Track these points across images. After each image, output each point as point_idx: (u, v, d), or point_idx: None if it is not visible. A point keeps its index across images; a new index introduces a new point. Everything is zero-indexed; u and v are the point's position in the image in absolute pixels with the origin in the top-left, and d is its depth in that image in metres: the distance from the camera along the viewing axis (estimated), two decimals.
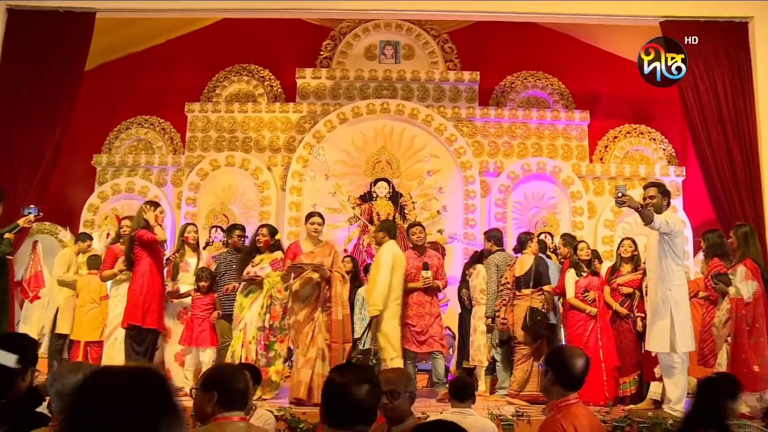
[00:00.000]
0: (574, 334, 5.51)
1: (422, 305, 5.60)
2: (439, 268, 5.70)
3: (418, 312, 5.57)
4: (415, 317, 5.56)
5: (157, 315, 5.27)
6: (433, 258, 5.72)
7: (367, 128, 8.72)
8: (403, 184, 8.52)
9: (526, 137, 8.83)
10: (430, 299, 5.63)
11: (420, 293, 5.60)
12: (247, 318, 5.41)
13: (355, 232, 8.28)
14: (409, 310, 5.56)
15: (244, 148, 8.81)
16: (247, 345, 5.35)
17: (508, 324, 5.58)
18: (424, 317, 5.55)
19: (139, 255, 5.29)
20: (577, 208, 8.46)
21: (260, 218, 8.35)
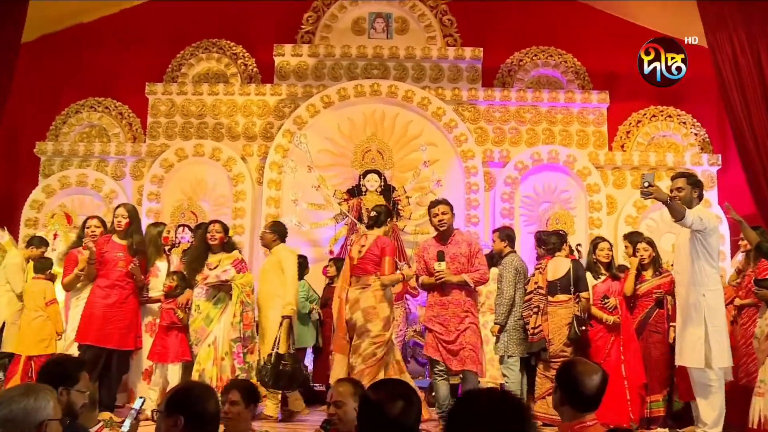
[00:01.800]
0: (594, 347, 5.56)
1: (444, 306, 5.09)
2: (471, 258, 5.12)
3: (440, 314, 5.10)
4: (436, 321, 5.09)
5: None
6: (460, 245, 5.15)
7: (355, 113, 8.69)
8: (396, 177, 8.49)
9: (536, 122, 8.80)
10: (459, 299, 5.06)
11: (440, 291, 5.11)
12: (216, 331, 5.45)
13: (342, 231, 8.18)
14: (428, 311, 5.20)
15: (214, 135, 8.77)
16: (219, 362, 5.38)
17: (544, 333, 5.57)
18: (448, 321, 5.04)
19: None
20: (595, 202, 8.42)
21: (234, 215, 8.39)
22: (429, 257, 5.16)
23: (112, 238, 5.53)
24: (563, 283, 5.67)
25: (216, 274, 5.51)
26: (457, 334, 4.98)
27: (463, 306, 5.06)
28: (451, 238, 5.20)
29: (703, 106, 8.66)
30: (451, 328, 5.00)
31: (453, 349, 5.00)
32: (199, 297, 5.54)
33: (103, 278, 5.48)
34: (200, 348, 5.43)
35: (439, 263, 5.02)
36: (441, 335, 5.02)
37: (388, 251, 5.29)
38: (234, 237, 7.80)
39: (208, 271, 5.57)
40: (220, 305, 5.52)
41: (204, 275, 5.55)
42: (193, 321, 5.50)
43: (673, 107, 8.84)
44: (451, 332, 5.00)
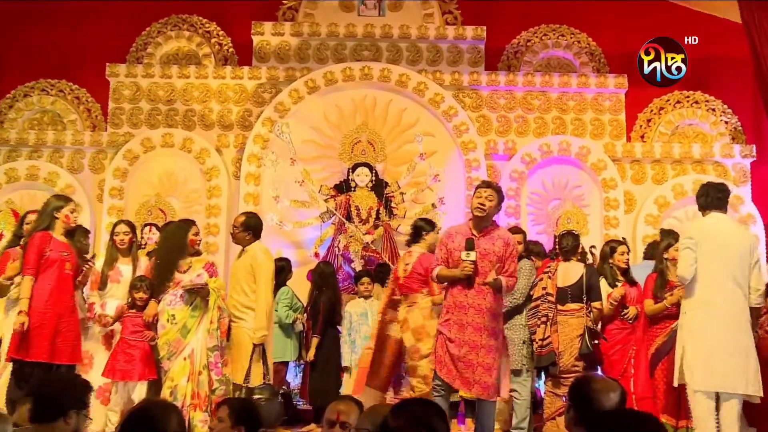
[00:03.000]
0: (608, 362, 5.58)
1: (464, 309, 4.65)
2: (504, 257, 4.69)
3: (459, 319, 4.67)
4: (453, 327, 4.66)
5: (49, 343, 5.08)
6: (495, 241, 4.69)
7: (343, 99, 8.68)
8: (389, 171, 8.49)
9: (545, 110, 8.78)
10: (483, 304, 4.64)
11: (461, 289, 4.67)
12: (193, 343, 5.43)
13: (329, 232, 8.15)
14: (445, 315, 4.75)
15: (185, 124, 8.73)
16: (196, 377, 5.35)
17: (553, 346, 5.55)
18: (464, 328, 4.63)
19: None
20: (611, 199, 8.39)
21: (207, 213, 8.37)
22: (454, 245, 4.73)
23: (53, 236, 5.30)
24: (575, 290, 5.65)
25: (190, 279, 5.49)
26: (468, 349, 4.59)
27: (485, 315, 4.63)
28: (487, 231, 4.75)
29: (736, 91, 8.63)
30: (465, 338, 4.60)
31: (460, 366, 4.61)
32: (173, 305, 5.50)
33: (47, 282, 5.21)
34: (174, 362, 5.40)
35: (468, 253, 4.55)
36: (451, 344, 4.61)
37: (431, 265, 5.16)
38: (208, 238, 7.95)
39: (179, 275, 5.53)
40: (198, 313, 5.49)
41: (176, 280, 5.52)
42: (166, 332, 5.45)
43: (701, 92, 8.81)
44: (463, 344, 4.60)
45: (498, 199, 4.77)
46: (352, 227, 7.93)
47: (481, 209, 4.69)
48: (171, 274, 5.54)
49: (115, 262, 5.83)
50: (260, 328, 5.37)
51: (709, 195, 4.95)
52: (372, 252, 7.81)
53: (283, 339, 6.52)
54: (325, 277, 6.56)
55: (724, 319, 4.71)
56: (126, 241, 5.87)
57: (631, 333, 5.73)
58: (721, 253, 4.78)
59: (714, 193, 4.95)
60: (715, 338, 4.71)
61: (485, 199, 4.71)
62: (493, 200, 4.72)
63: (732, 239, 4.86)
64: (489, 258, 4.64)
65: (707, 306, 4.76)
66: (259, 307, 5.41)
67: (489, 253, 4.65)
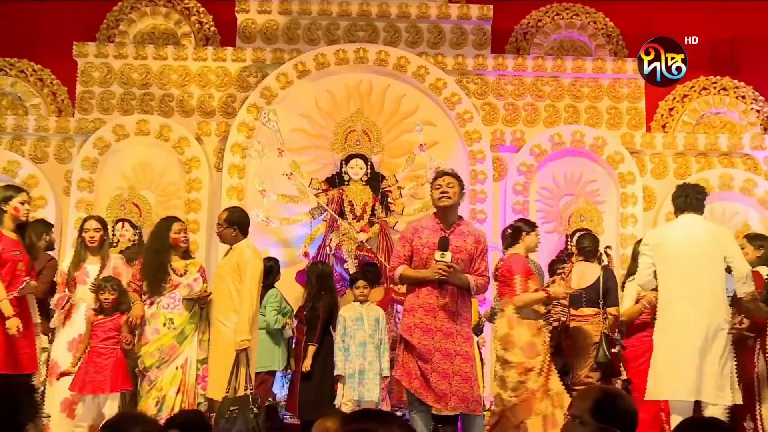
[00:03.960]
0: (638, 370, 5.58)
1: (432, 313, 4.61)
2: (475, 255, 4.74)
3: (425, 323, 4.61)
4: (419, 334, 4.60)
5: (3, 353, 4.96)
6: (465, 238, 4.74)
7: (336, 85, 8.66)
8: (385, 163, 8.48)
9: (557, 97, 8.75)
10: (453, 308, 4.63)
11: (431, 290, 4.64)
12: (188, 351, 5.51)
13: (320, 229, 8.13)
14: (407, 318, 4.71)
15: (162, 109, 8.69)
16: (187, 390, 5.42)
17: (566, 355, 5.65)
18: (433, 333, 4.57)
19: None
20: (629, 195, 8.38)
21: (186, 208, 8.32)
22: (422, 242, 4.71)
23: (2, 232, 5.19)
24: (590, 293, 5.71)
25: (188, 284, 5.55)
26: (441, 357, 4.53)
27: (456, 318, 4.62)
28: (455, 226, 4.78)
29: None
30: (435, 344, 4.54)
31: (433, 378, 4.52)
32: (170, 308, 5.55)
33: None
34: (164, 370, 5.41)
35: (442, 253, 4.50)
36: (420, 352, 4.54)
37: (516, 268, 5.30)
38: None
39: (176, 277, 5.58)
40: (195, 320, 5.59)
41: (173, 283, 5.56)
42: (160, 337, 5.48)
43: (729, 77, 8.75)
44: (433, 352, 4.54)
45: (460, 186, 4.80)
46: (345, 224, 7.89)
47: (447, 197, 4.69)
48: (165, 274, 5.57)
49: (82, 262, 5.84)
50: (243, 332, 5.28)
51: (689, 196, 5.11)
52: (367, 252, 7.79)
53: (271, 346, 6.46)
54: (324, 278, 6.54)
55: (683, 322, 4.88)
56: (97, 239, 5.87)
57: None
58: (683, 255, 4.95)
59: (693, 194, 5.12)
60: (670, 343, 4.91)
61: (446, 186, 4.72)
62: (455, 187, 4.74)
63: (697, 239, 5.00)
64: (461, 256, 4.65)
65: (667, 311, 4.99)
66: (243, 309, 5.33)
67: (461, 250, 4.66)
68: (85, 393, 5.43)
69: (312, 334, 6.29)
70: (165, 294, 5.58)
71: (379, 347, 6.26)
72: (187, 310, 5.56)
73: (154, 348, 5.46)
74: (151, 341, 5.49)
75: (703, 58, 8.18)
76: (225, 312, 5.43)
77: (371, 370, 6.15)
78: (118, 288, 5.61)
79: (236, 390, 5.19)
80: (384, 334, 6.33)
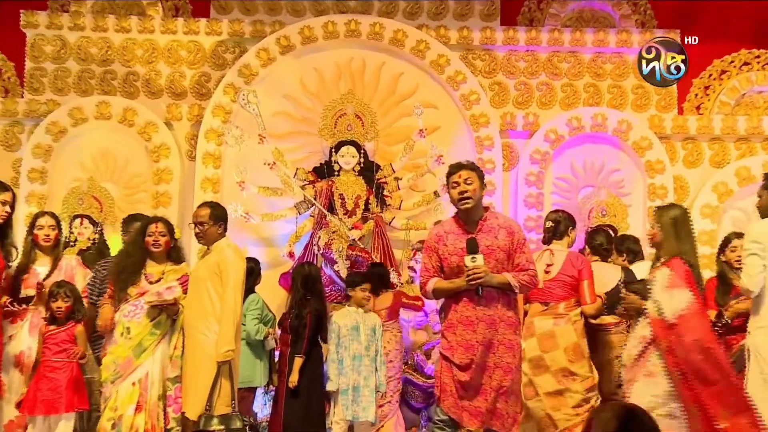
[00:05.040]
0: None
1: (472, 326, 4.62)
2: (512, 252, 4.72)
3: (465, 339, 4.64)
4: (461, 352, 4.64)
5: None
6: (497, 233, 4.71)
7: (324, 62, 8.65)
8: (381, 151, 8.47)
9: (575, 75, 8.77)
10: (495, 315, 4.64)
11: (467, 302, 4.66)
12: (148, 365, 5.42)
13: (306, 226, 8.10)
14: (448, 335, 4.72)
15: (126, 90, 8.70)
16: (150, 408, 5.34)
17: None
18: (474, 349, 4.60)
19: None
20: (657, 186, 8.39)
21: (154, 202, 8.31)
22: (448, 250, 4.70)
23: None
24: (611, 299, 5.68)
25: (157, 291, 5.49)
26: (479, 372, 4.59)
27: (497, 327, 4.62)
28: (482, 223, 4.73)
29: None
30: (476, 360, 4.58)
31: (470, 394, 4.61)
32: (130, 317, 5.48)
33: None
34: (119, 386, 5.37)
35: (473, 257, 4.51)
36: (460, 367, 4.59)
37: (585, 273, 5.50)
38: None
39: (147, 284, 5.54)
40: (159, 331, 5.49)
41: (141, 289, 5.51)
42: (115, 348, 5.44)
43: None
44: (473, 369, 4.59)
45: (479, 179, 4.75)
46: (335, 220, 7.84)
47: (467, 198, 4.64)
48: (132, 279, 5.54)
49: (31, 264, 5.87)
50: (226, 342, 5.25)
51: None
52: (360, 251, 7.72)
53: (251, 359, 6.44)
54: (311, 281, 6.38)
55: None
56: (52, 238, 5.92)
57: None
58: None
59: None
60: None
61: (464, 184, 4.66)
62: (474, 182, 4.69)
63: None
64: (494, 255, 4.64)
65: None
66: (226, 316, 5.32)
67: (493, 249, 4.63)
68: (35, 414, 5.39)
69: (298, 345, 6.15)
70: (129, 301, 5.53)
71: (375, 360, 6.21)
72: (149, 318, 5.47)
73: (110, 360, 5.42)
74: (108, 352, 5.46)
75: (746, 28, 8.41)
76: (204, 320, 5.40)
77: (366, 387, 6.09)
78: (72, 294, 5.59)
79: (214, 407, 5.23)
80: (380, 345, 6.30)
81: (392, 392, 6.52)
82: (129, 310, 5.49)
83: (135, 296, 5.49)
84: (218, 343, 5.27)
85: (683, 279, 4.77)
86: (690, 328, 4.69)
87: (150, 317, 5.46)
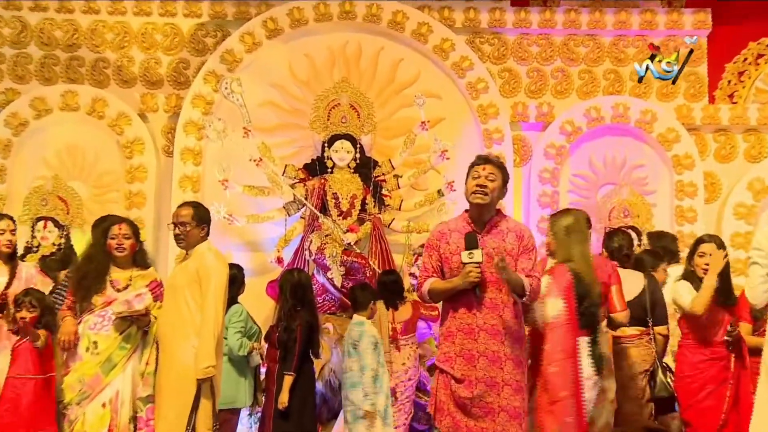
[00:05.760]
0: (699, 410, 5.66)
1: (473, 334, 4.60)
2: (517, 253, 4.69)
3: (465, 349, 4.62)
4: (461, 363, 4.62)
5: None
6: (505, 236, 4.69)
7: (316, 47, 8.63)
8: (378, 146, 8.42)
9: (594, 61, 8.75)
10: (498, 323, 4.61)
11: (467, 308, 4.64)
12: (118, 383, 5.41)
13: (296, 229, 8.07)
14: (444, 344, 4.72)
15: (95, 78, 8.67)
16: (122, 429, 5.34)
17: None
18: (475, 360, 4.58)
19: None
20: (686, 183, 8.38)
21: (127, 203, 8.32)
22: (450, 249, 4.68)
23: None
24: (635, 309, 5.68)
25: (126, 299, 5.46)
26: (485, 388, 4.54)
27: (503, 339, 4.57)
28: (491, 224, 4.68)
29: None
30: (478, 374, 4.54)
31: (474, 413, 4.58)
32: (97, 329, 5.45)
33: None
34: (86, 408, 5.35)
35: (470, 252, 4.45)
36: (460, 384, 4.56)
37: (615, 278, 5.46)
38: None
39: (113, 292, 5.51)
40: (130, 345, 5.48)
41: (107, 298, 5.49)
42: (81, 365, 5.42)
43: None
44: (475, 384, 4.55)
45: (502, 178, 4.72)
46: (328, 223, 7.78)
47: (483, 193, 4.58)
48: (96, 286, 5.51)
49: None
50: (206, 358, 5.12)
51: None
52: (356, 257, 7.72)
53: (235, 377, 6.39)
54: (301, 290, 6.35)
55: None
56: (13, 243, 6.01)
57: (726, 366, 5.69)
58: None
59: None
60: None
61: (485, 179, 4.62)
62: (496, 180, 4.65)
63: None
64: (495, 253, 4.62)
65: None
66: (206, 328, 5.20)
67: (501, 252, 4.59)
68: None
69: (288, 362, 6.12)
70: (95, 311, 5.48)
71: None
72: (118, 331, 5.42)
73: (74, 379, 5.36)
74: (72, 370, 5.40)
75: None
76: (181, 333, 5.30)
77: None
78: (40, 304, 5.50)
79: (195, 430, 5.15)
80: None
81: (407, 414, 6.63)
82: (95, 322, 5.44)
83: (100, 306, 5.45)
84: (197, 358, 5.14)
85: (561, 288, 4.91)
86: (551, 339, 4.84)
87: (119, 329, 5.41)
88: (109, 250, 5.57)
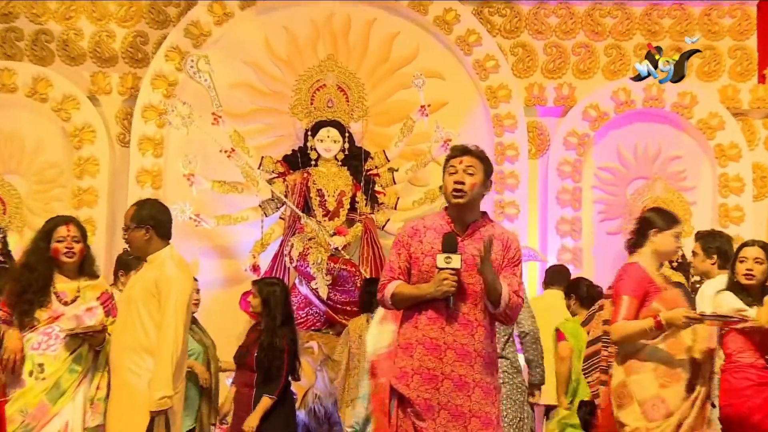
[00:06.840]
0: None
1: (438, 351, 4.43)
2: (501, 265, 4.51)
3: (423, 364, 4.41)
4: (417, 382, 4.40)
5: None
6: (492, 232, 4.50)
7: (296, 19, 8.65)
8: (371, 134, 8.52)
9: (623, 35, 8.80)
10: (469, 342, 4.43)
11: (434, 318, 4.44)
12: (67, 413, 5.24)
13: (275, 231, 8.15)
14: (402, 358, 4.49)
15: (37, 55, 8.72)
16: None
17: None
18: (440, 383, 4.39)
19: None
20: (731, 177, 8.41)
21: (76, 201, 8.37)
22: (423, 249, 4.43)
23: None
24: None
25: (75, 314, 5.27)
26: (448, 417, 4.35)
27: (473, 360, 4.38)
28: (474, 227, 4.46)
29: None
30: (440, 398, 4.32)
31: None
32: (42, 350, 5.24)
33: None
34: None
35: (448, 256, 4.23)
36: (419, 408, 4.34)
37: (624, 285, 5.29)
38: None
39: (59, 305, 5.27)
40: (81, 368, 5.27)
41: (52, 313, 5.25)
42: (23, 392, 5.18)
43: None
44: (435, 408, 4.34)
45: (484, 171, 4.46)
46: (312, 224, 7.77)
47: (459, 192, 4.36)
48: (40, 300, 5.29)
49: None
50: (161, 386, 4.88)
51: None
52: (344, 264, 7.72)
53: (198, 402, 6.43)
54: (279, 303, 6.21)
55: None
56: None
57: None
58: None
59: None
60: None
61: (463, 173, 4.38)
62: (476, 174, 4.40)
63: None
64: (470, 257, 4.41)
65: None
66: (164, 350, 4.98)
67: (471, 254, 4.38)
68: None
69: (272, 386, 6.06)
70: (38, 329, 5.20)
71: None
72: (68, 351, 5.19)
73: (14, 409, 5.13)
74: (12, 399, 5.16)
75: None
76: (135, 354, 5.05)
77: None
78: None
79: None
80: None
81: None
82: (39, 341, 5.24)
83: (45, 322, 5.22)
84: (152, 386, 4.93)
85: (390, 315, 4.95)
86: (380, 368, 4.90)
87: (69, 349, 5.24)
88: (54, 256, 5.33)
